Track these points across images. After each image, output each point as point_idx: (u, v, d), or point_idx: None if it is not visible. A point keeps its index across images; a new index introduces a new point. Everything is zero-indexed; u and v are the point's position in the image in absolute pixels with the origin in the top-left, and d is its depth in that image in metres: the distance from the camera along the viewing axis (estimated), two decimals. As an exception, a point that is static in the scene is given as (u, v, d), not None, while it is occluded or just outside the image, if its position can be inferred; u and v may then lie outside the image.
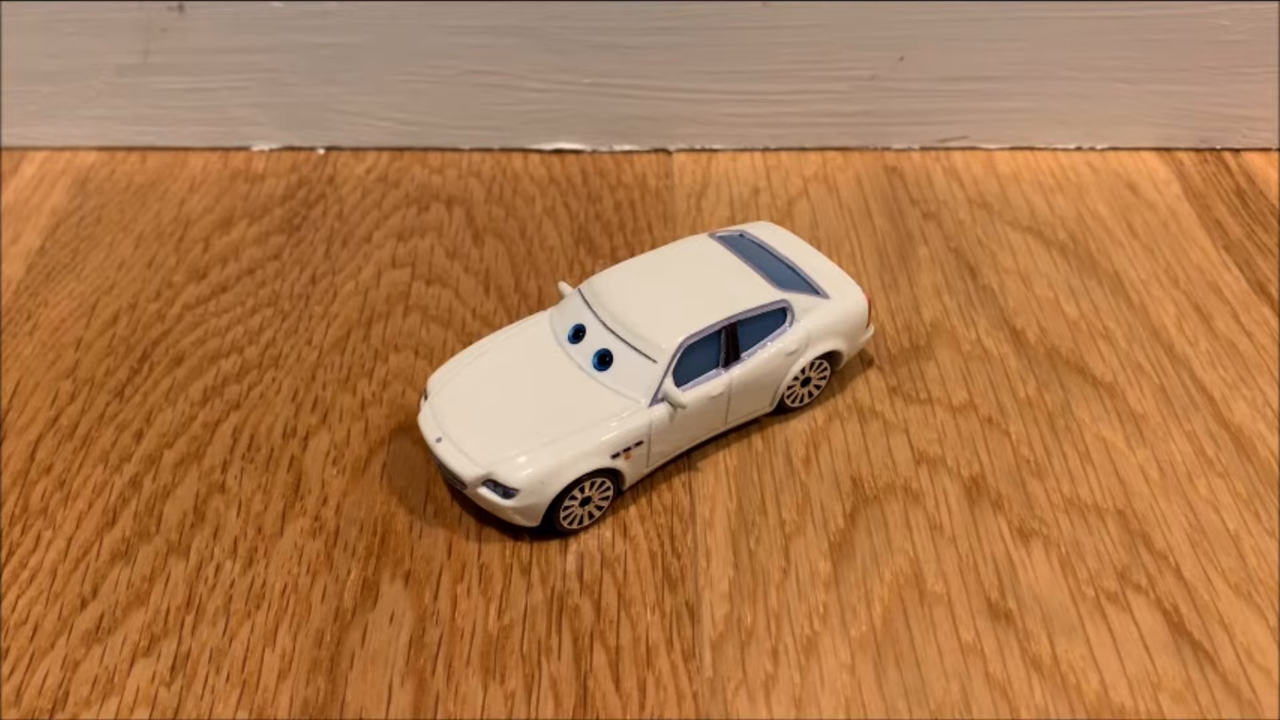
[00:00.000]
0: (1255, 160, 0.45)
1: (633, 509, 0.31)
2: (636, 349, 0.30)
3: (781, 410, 0.33)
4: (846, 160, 0.45)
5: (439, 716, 0.26)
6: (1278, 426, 0.33)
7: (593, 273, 0.39)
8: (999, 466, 0.32)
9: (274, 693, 0.26)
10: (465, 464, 0.29)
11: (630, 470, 0.30)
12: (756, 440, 0.33)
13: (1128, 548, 0.30)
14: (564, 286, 0.33)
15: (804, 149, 0.45)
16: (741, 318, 0.31)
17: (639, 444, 0.30)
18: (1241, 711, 0.26)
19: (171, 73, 0.43)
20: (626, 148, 0.46)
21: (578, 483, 0.29)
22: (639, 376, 0.30)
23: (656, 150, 0.46)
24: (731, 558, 0.29)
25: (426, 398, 0.31)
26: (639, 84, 0.44)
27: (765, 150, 0.45)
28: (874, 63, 0.44)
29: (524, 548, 0.29)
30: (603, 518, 0.30)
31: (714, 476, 0.32)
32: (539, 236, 0.41)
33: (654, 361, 0.30)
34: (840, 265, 0.34)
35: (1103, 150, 0.45)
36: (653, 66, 0.44)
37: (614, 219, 0.42)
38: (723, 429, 0.32)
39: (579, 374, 0.31)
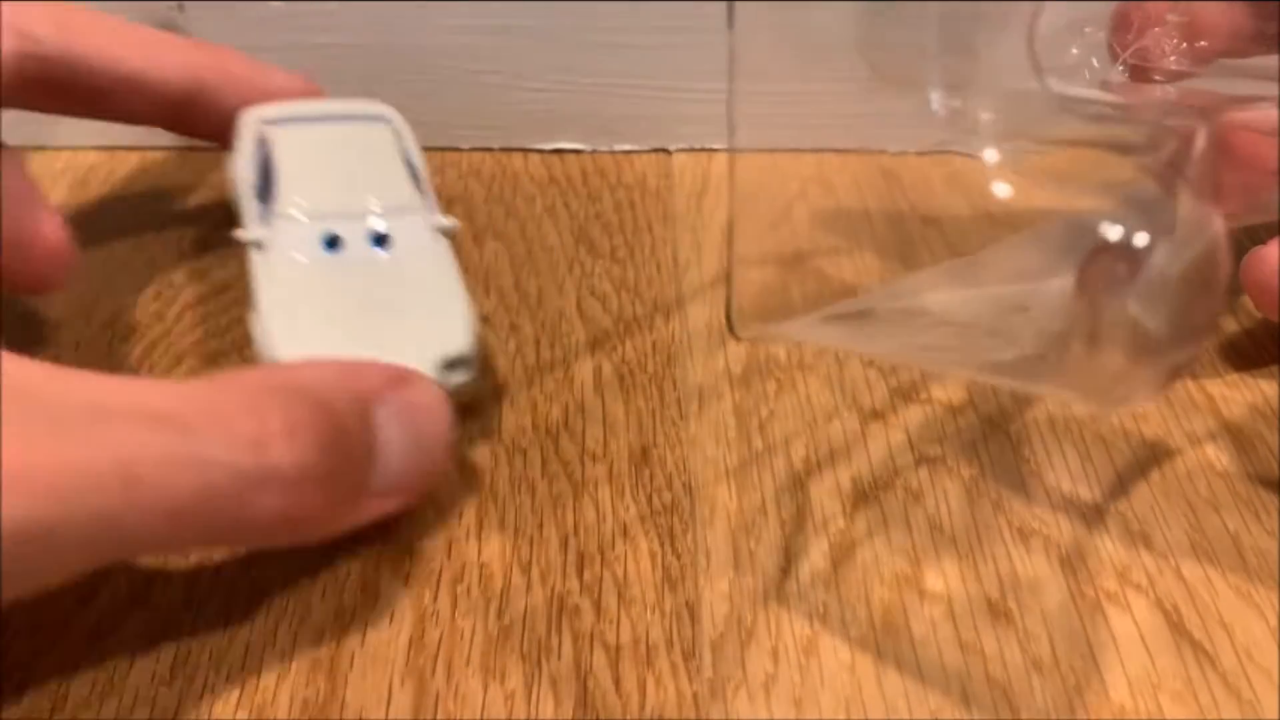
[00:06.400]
0: (1255, 161, 0.45)
1: (633, 509, 0.31)
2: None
3: None
4: (844, 162, 0.45)
5: (439, 716, 0.26)
6: (1278, 426, 0.33)
7: (594, 273, 0.39)
8: (999, 466, 0.32)
9: (274, 693, 0.26)
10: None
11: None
12: (756, 440, 0.33)
13: (1128, 548, 0.30)
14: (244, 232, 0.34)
15: (802, 150, 0.45)
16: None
17: None
18: (1241, 711, 0.26)
19: (171, 73, 0.43)
20: (626, 148, 0.46)
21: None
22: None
23: (656, 150, 0.46)
24: (731, 558, 0.29)
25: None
26: (639, 84, 0.44)
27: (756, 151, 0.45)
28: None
29: (524, 547, 0.29)
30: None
31: (714, 476, 0.32)
32: (539, 236, 0.41)
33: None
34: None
35: (1102, 150, 0.45)
36: (653, 66, 0.44)
37: (614, 219, 0.42)
38: None
39: (376, 260, 0.32)
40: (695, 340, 0.36)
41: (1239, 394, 0.34)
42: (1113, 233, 0.23)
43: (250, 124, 0.36)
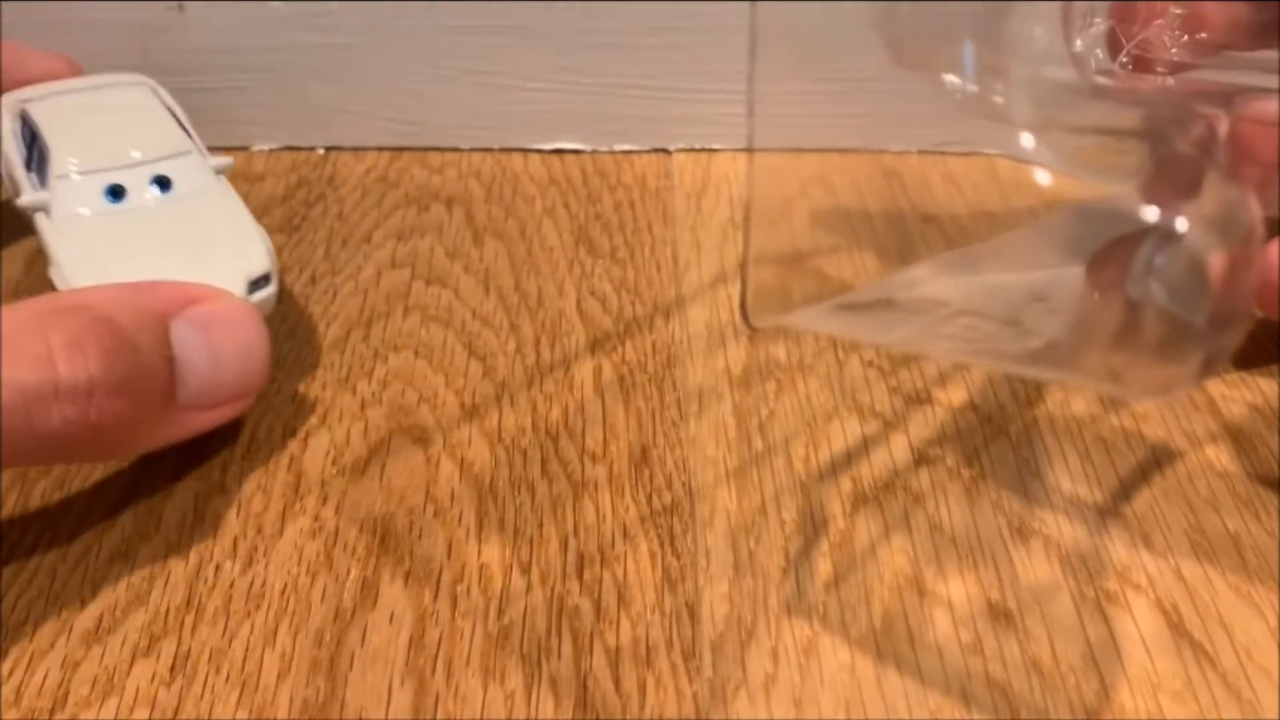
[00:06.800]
0: (1255, 161, 0.45)
1: (633, 510, 0.31)
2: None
3: None
4: (844, 162, 0.45)
5: (439, 716, 0.26)
6: (1278, 426, 0.33)
7: (594, 273, 0.39)
8: (999, 466, 0.32)
9: (274, 693, 0.26)
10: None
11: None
12: (756, 440, 0.33)
13: (1128, 547, 0.30)
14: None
15: (802, 150, 0.45)
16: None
17: None
18: (1241, 711, 0.26)
19: (171, 72, 0.43)
20: (626, 148, 0.46)
21: None
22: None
23: (656, 150, 0.46)
24: (731, 558, 0.29)
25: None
26: (639, 84, 0.44)
27: (764, 150, 0.45)
28: (872, 64, 0.44)
29: (524, 547, 0.29)
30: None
31: (714, 476, 0.32)
32: (539, 236, 0.41)
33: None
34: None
35: (1102, 151, 0.45)
36: (653, 66, 0.44)
37: (614, 219, 0.42)
38: None
39: (162, 202, 0.33)
40: (695, 341, 0.36)
41: (1239, 394, 0.34)
42: (1151, 215, 0.22)
43: (7, 106, 0.36)
